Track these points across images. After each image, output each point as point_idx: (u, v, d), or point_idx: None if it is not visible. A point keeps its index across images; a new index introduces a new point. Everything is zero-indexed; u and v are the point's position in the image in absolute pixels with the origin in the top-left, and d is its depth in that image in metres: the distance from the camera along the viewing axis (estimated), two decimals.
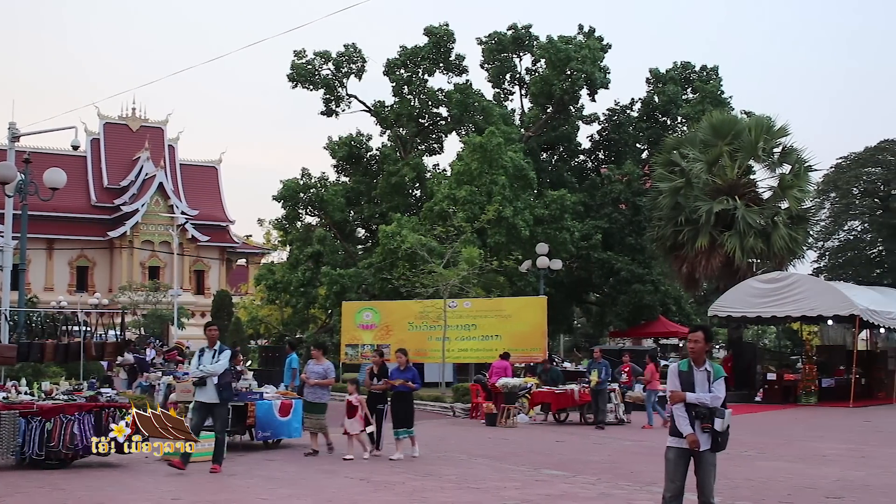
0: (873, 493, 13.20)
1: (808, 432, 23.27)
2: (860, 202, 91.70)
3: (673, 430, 9.01)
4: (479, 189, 39.28)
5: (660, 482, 13.82)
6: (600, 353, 25.78)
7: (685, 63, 51.71)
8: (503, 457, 17.38)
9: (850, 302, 32.98)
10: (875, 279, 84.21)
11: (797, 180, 38.44)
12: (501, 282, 38.64)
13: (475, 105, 45.97)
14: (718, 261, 37.12)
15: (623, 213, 47.80)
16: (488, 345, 32.97)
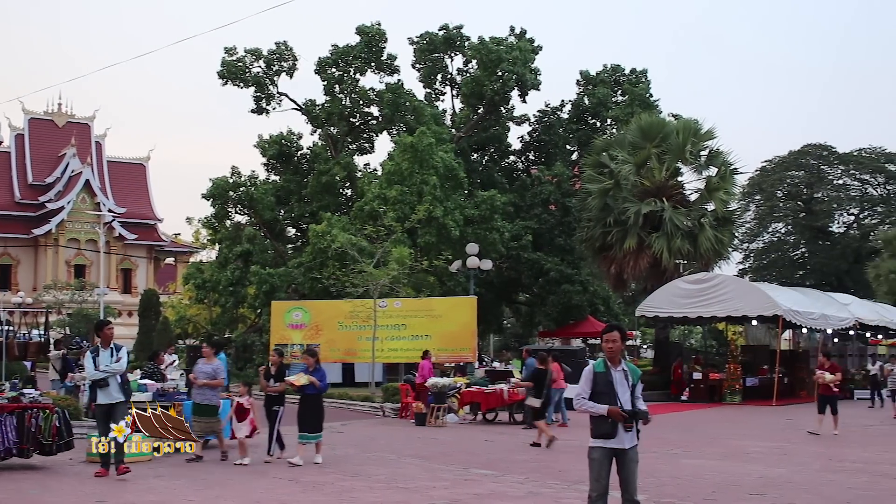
0: (795, 490, 13.46)
1: (732, 430, 23.66)
2: (784, 205, 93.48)
3: (596, 432, 9.07)
4: (409, 189, 39.29)
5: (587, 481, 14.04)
6: (527, 352, 25.98)
7: (615, 66, 52.28)
8: (432, 456, 17.41)
9: (774, 302, 33.61)
10: (798, 280, 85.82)
11: (723, 183, 39.11)
12: (432, 282, 38.75)
13: (406, 105, 45.96)
14: (646, 261, 37.59)
15: (553, 214, 48.13)
16: (418, 345, 32.99)
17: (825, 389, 22.51)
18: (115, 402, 13.95)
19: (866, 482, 14.21)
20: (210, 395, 16.08)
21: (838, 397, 22.81)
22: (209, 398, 16.05)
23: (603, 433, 9.00)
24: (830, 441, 21.14)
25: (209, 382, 16.04)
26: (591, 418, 9.10)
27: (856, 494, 12.94)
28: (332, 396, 31.61)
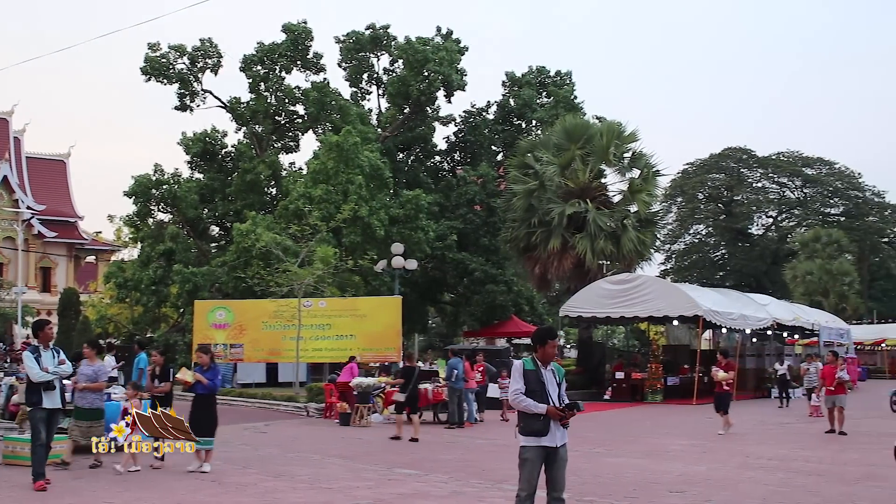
0: (713, 487, 13.70)
1: (653, 429, 23.98)
2: (705, 207, 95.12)
3: (527, 430, 9.10)
4: (335, 188, 39.15)
5: (511, 479, 14.10)
6: (452, 352, 26.10)
7: (540, 67, 52.67)
8: (356, 456, 17.40)
9: (695, 303, 34.16)
10: (718, 281, 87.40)
11: (646, 185, 39.67)
12: (356, 281, 38.65)
13: (332, 104, 45.81)
14: (570, 262, 37.96)
15: (478, 214, 48.33)
16: (343, 344, 33.03)
17: (719, 387, 22.90)
18: (57, 407, 13.38)
19: (782, 479, 14.51)
20: (92, 399, 15.05)
21: (730, 395, 23.13)
22: (91, 401, 15.02)
23: (535, 431, 9.03)
24: (748, 439, 21.56)
25: (89, 386, 14.99)
26: (522, 416, 9.10)
27: (771, 491, 13.21)
28: (255, 396, 31.48)
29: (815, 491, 13.27)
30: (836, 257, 75.54)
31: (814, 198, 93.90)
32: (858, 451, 18.97)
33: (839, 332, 48.61)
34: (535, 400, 9.00)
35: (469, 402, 25.00)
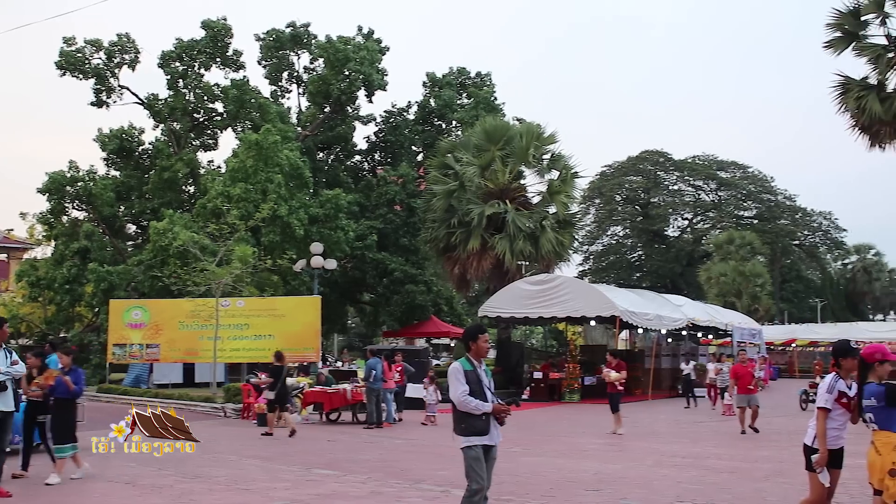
0: (628, 485, 13.88)
1: (570, 428, 24.22)
2: (622, 209, 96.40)
3: (470, 430, 9.13)
4: (254, 187, 38.84)
5: (429, 479, 14.20)
6: (371, 352, 26.10)
7: (461, 69, 52.85)
8: (274, 457, 17.30)
9: (612, 304, 34.56)
10: (635, 282, 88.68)
11: (564, 186, 40.06)
12: (275, 281, 38.37)
13: (252, 102, 45.44)
14: (489, 262, 38.16)
15: (398, 215, 48.34)
16: (261, 344, 32.82)
17: (611, 387, 23.11)
18: (10, 410, 12.91)
19: (695, 476, 14.76)
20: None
21: (621, 395, 23.32)
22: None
23: (479, 430, 9.11)
24: (663, 437, 21.91)
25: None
26: (464, 416, 9.12)
27: (685, 489, 13.43)
28: (171, 397, 31.12)
29: (727, 488, 13.52)
30: (748, 259, 77.08)
31: (728, 201, 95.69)
32: (769, 448, 19.38)
33: (751, 332, 49.54)
34: (477, 399, 9.07)
35: (388, 402, 25.01)
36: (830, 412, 8.80)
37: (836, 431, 8.82)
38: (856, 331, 65.93)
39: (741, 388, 23.05)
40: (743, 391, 22.99)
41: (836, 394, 8.81)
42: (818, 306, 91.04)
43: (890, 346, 11.03)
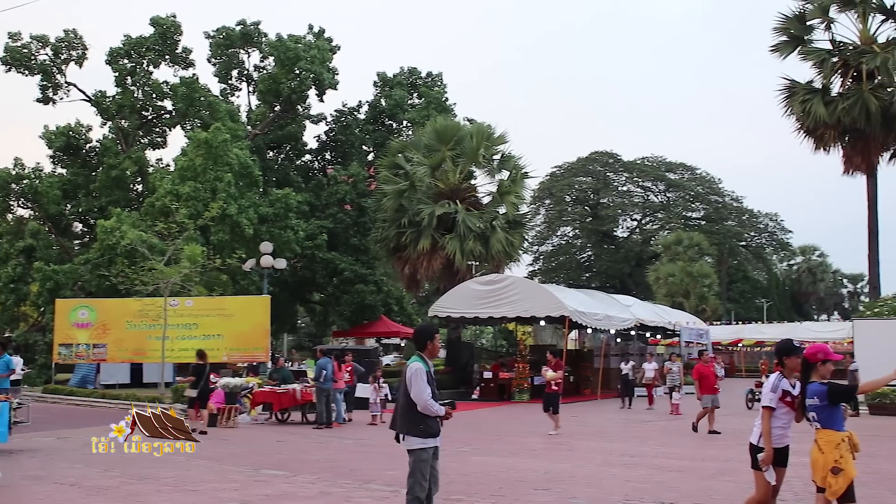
0: (577, 484, 13.97)
1: (520, 428, 24.29)
2: (572, 209, 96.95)
3: (428, 433, 9.11)
4: (203, 186, 38.56)
5: (378, 479, 14.20)
6: (321, 352, 26.03)
7: (412, 68, 52.86)
8: (222, 458, 17.19)
9: (561, 304, 34.74)
10: (584, 282, 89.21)
11: (514, 187, 40.24)
12: (224, 280, 38.12)
13: (201, 100, 45.12)
14: (439, 262, 38.19)
15: (348, 214, 48.22)
16: (210, 344, 32.54)
17: (548, 387, 23.15)
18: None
19: (643, 475, 14.90)
20: None
21: (559, 395, 23.27)
22: None
23: (434, 433, 9.15)
24: (612, 437, 22.08)
25: None
26: (423, 418, 9.10)
27: (633, 487, 13.55)
28: (118, 398, 30.80)
29: (675, 486, 13.66)
30: (696, 260, 77.86)
31: (676, 202, 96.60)
32: (716, 447, 19.62)
33: (699, 332, 50.05)
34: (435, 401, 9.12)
35: (337, 402, 24.96)
36: (775, 411, 8.91)
37: (781, 430, 8.93)
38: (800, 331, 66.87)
39: (706, 387, 23.05)
40: (708, 391, 22.98)
41: (780, 392, 8.93)
42: (764, 306, 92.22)
43: (833, 346, 11.20)
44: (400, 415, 9.21)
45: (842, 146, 39.33)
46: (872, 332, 31.33)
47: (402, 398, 9.18)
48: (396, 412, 9.31)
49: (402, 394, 9.21)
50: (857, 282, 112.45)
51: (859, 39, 38.88)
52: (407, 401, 9.09)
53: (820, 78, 39.47)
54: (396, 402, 9.40)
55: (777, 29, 39.84)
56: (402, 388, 9.22)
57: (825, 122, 38.18)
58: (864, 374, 30.77)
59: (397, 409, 9.30)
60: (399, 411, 9.23)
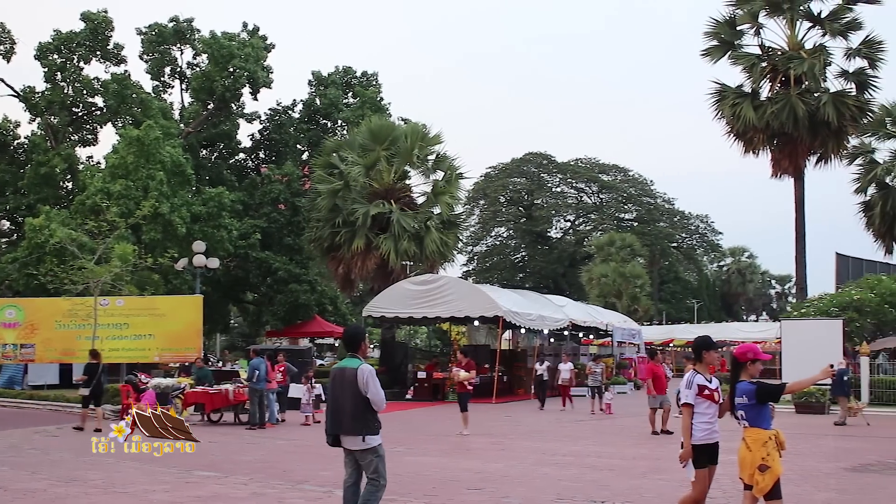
0: (510, 483, 14.06)
1: (454, 428, 24.28)
2: (506, 210, 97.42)
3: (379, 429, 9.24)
4: (134, 184, 38.09)
5: (312, 479, 14.20)
6: (254, 352, 25.87)
7: (347, 68, 52.72)
8: (153, 459, 16.93)
9: (495, 304, 34.91)
10: (518, 282, 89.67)
11: (449, 187, 40.37)
12: (156, 280, 37.66)
13: (133, 97, 44.57)
14: (374, 262, 38.18)
15: (282, 214, 47.97)
16: (141, 344, 32.25)
17: (461, 387, 23.17)
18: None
19: (575, 474, 15.04)
20: None
21: (470, 395, 23.28)
22: None
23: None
24: (545, 436, 22.25)
25: None
26: (376, 416, 9.20)
27: (565, 486, 13.67)
28: (47, 399, 30.34)
29: (606, 485, 13.81)
30: (629, 261, 78.69)
31: (609, 203, 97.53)
32: (647, 446, 19.89)
33: (631, 332, 50.62)
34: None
35: (270, 402, 24.82)
36: (696, 407, 9.04)
37: (707, 425, 9.03)
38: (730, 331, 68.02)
39: (659, 387, 23.05)
40: (661, 391, 22.98)
41: (695, 388, 9.06)
42: (695, 307, 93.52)
43: (762, 346, 11.42)
44: (350, 416, 9.07)
45: (770, 149, 39.98)
46: (799, 332, 31.95)
47: (351, 399, 9.06)
48: (339, 414, 9.15)
49: (348, 395, 9.07)
50: (784, 283, 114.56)
51: (787, 45, 39.57)
52: (358, 401, 9.02)
53: (749, 82, 40.12)
54: (336, 405, 9.21)
55: (708, 33, 40.41)
56: (347, 390, 9.09)
57: (754, 125, 38.82)
58: (791, 373, 31.43)
59: (341, 412, 9.13)
60: (349, 413, 9.08)
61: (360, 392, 9.02)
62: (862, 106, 39.08)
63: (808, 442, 20.36)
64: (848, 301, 34.27)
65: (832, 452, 18.82)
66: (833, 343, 30.07)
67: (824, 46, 39.21)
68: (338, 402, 9.16)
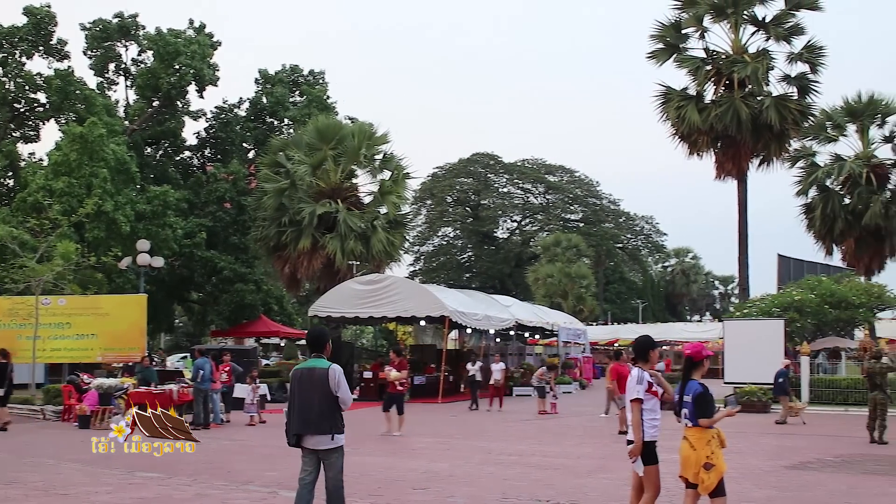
0: (456, 483, 14.09)
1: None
2: (453, 210, 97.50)
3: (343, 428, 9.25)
4: (77, 181, 37.60)
5: (257, 480, 14.15)
6: (199, 352, 25.68)
7: (293, 66, 52.55)
8: (96, 460, 16.78)
9: (441, 304, 34.96)
10: (465, 282, 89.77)
11: (396, 187, 40.37)
12: (99, 278, 37.22)
13: (77, 93, 43.98)
14: (320, 262, 38.10)
15: (228, 212, 47.66)
16: (84, 344, 31.82)
17: (392, 388, 23.09)
18: None
19: (521, 473, 15.11)
20: None
21: (403, 396, 23.13)
22: None
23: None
24: (490, 435, 22.32)
25: None
26: (342, 417, 9.23)
27: (511, 485, 13.73)
28: None
29: (551, 484, 13.89)
30: (574, 261, 79.16)
31: (556, 204, 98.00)
32: (591, 445, 20.04)
33: (576, 332, 50.92)
34: None
35: (215, 402, 24.66)
36: (645, 403, 9.12)
37: (656, 423, 9.12)
38: (674, 331, 68.80)
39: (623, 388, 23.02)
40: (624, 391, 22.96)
41: (645, 384, 9.15)
42: (639, 307, 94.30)
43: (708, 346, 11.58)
44: (319, 415, 9.06)
45: (714, 152, 40.44)
46: (741, 332, 32.39)
47: (320, 399, 9.07)
48: (307, 414, 9.11)
49: (317, 395, 9.08)
50: (727, 283, 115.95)
51: (732, 49, 40.05)
52: (328, 401, 9.05)
53: (694, 85, 40.57)
54: (303, 405, 9.17)
55: (654, 36, 40.79)
56: (316, 390, 9.10)
57: (699, 128, 39.26)
58: (734, 372, 31.89)
59: (309, 411, 9.10)
60: (318, 412, 9.07)
61: (331, 392, 9.07)
62: (803, 110, 39.74)
63: (749, 440, 20.63)
64: (789, 301, 34.79)
65: (773, 450, 19.09)
66: (774, 343, 30.56)
67: (767, 51, 39.80)
68: (305, 401, 9.14)
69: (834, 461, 17.15)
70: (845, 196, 42.11)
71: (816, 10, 39.69)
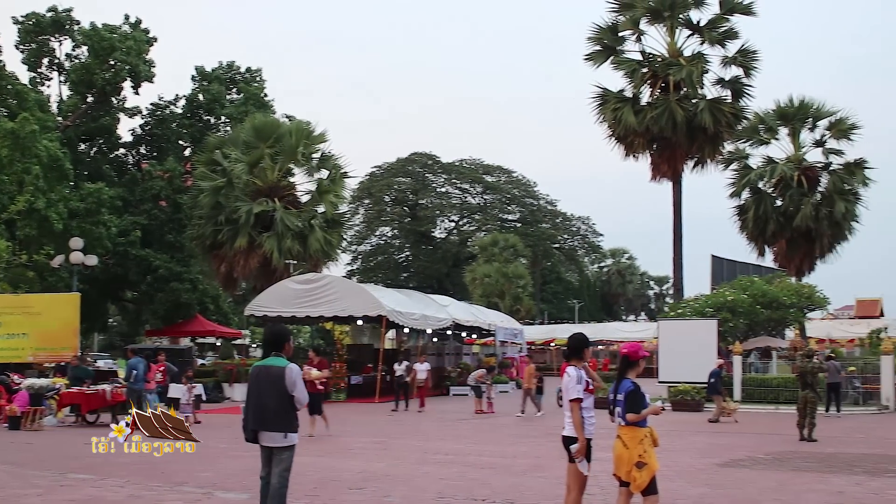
0: (393, 482, 14.11)
1: (336, 428, 24.22)
2: (391, 209, 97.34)
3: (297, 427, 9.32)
4: (9, 178, 36.93)
5: (191, 481, 14.08)
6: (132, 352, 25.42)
7: (230, 63, 52.08)
8: (26, 462, 16.59)
9: (379, 303, 34.96)
10: (402, 282, 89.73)
11: (334, 186, 40.32)
12: (31, 277, 36.66)
13: (8, 88, 43.13)
14: (257, 261, 37.90)
15: (163, 211, 47.14)
16: (15, 343, 31.36)
17: (311, 387, 22.89)
18: None
19: (457, 473, 15.18)
20: None
21: (324, 395, 23.02)
22: None
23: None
24: (427, 435, 22.36)
25: None
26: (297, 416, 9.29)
27: (447, 485, 13.78)
28: None
29: (487, 483, 13.96)
30: (512, 261, 79.41)
31: (493, 204, 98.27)
32: (527, 444, 20.17)
33: (513, 331, 51.15)
34: None
35: (150, 403, 24.40)
36: (584, 401, 9.16)
37: (593, 421, 9.19)
38: (610, 330, 69.44)
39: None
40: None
41: (584, 384, 9.22)
42: (576, 307, 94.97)
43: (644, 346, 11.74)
44: (274, 413, 9.13)
45: (650, 153, 40.90)
46: (676, 332, 32.82)
47: (276, 397, 9.10)
48: (263, 411, 9.17)
49: (273, 393, 9.11)
50: (662, 284, 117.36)
51: (667, 52, 40.53)
52: (283, 399, 9.09)
53: (630, 87, 40.98)
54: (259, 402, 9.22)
55: (591, 38, 41.13)
56: (273, 388, 9.12)
57: (635, 129, 39.68)
58: (668, 371, 32.30)
59: (264, 408, 9.16)
60: (273, 410, 9.13)
61: (286, 390, 9.09)
62: (737, 113, 40.37)
63: (683, 439, 20.91)
64: (722, 302, 35.31)
65: (705, 448, 19.37)
66: (708, 342, 31.01)
67: (702, 54, 40.35)
68: (261, 398, 9.19)
69: (765, 458, 17.45)
70: (777, 198, 42.81)
71: (750, 15, 40.38)
